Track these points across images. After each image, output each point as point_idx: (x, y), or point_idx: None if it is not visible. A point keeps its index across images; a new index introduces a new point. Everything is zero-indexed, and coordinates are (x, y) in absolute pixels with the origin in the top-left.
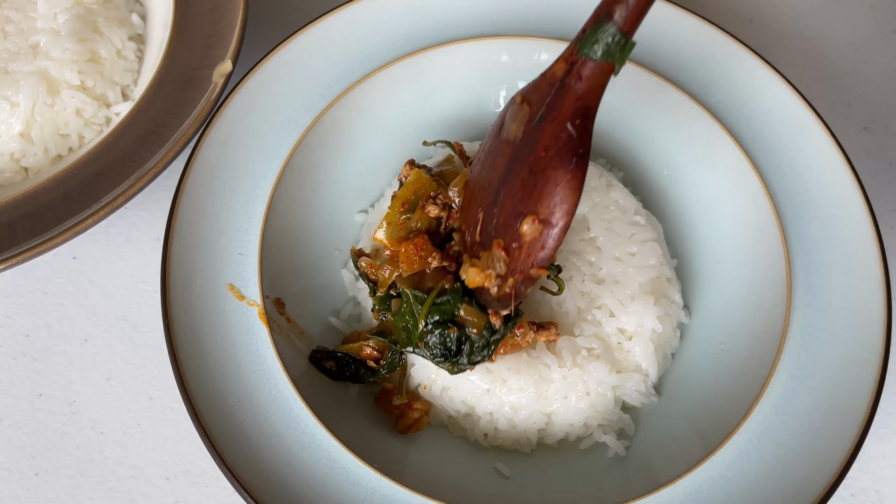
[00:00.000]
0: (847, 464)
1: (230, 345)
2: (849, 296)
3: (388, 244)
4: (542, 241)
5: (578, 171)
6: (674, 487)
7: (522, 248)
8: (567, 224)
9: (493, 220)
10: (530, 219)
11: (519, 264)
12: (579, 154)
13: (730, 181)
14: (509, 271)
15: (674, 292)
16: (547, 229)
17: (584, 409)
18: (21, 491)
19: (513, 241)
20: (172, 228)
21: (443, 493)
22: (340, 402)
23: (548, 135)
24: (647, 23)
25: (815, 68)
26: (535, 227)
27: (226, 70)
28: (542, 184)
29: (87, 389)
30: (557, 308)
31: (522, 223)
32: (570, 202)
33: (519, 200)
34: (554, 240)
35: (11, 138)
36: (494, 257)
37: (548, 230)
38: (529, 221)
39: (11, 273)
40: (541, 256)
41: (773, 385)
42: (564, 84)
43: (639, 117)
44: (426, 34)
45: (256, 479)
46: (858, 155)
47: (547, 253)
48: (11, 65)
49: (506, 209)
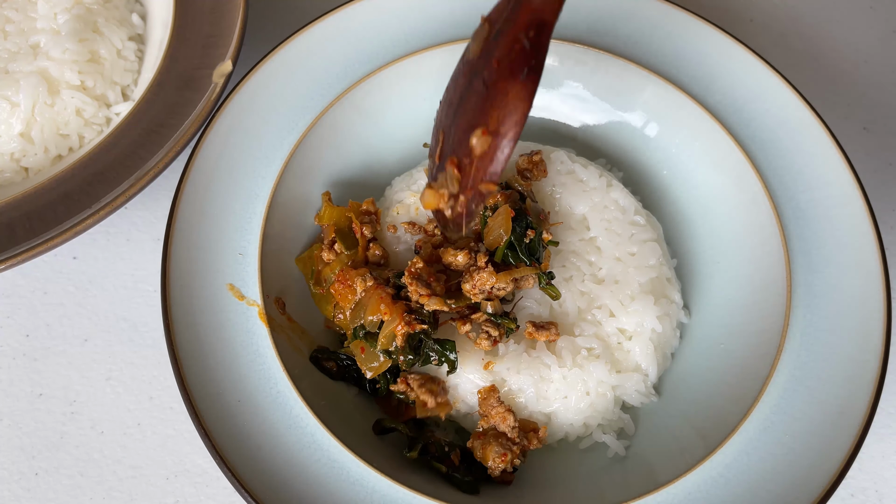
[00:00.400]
0: (847, 464)
1: (230, 345)
2: (849, 296)
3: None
4: (492, 153)
5: (529, 83)
6: (674, 487)
7: (473, 164)
8: (516, 134)
9: (449, 139)
10: (479, 131)
11: (470, 180)
12: (531, 65)
13: (730, 181)
14: (461, 189)
15: (674, 292)
16: (496, 140)
17: (584, 409)
18: (21, 491)
19: (465, 157)
20: (172, 228)
21: (443, 493)
22: (340, 402)
23: (502, 47)
24: (647, 23)
25: (815, 68)
26: (484, 139)
27: (226, 70)
28: (493, 95)
29: (87, 389)
30: (557, 308)
31: (472, 136)
32: (520, 113)
33: (472, 115)
34: (503, 151)
35: (11, 138)
36: (448, 175)
37: (497, 141)
38: (478, 134)
39: (11, 273)
40: (490, 170)
41: (773, 385)
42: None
43: (639, 117)
44: (426, 34)
45: (256, 479)
46: (858, 155)
47: (497, 166)
48: (12, 65)
49: (460, 126)
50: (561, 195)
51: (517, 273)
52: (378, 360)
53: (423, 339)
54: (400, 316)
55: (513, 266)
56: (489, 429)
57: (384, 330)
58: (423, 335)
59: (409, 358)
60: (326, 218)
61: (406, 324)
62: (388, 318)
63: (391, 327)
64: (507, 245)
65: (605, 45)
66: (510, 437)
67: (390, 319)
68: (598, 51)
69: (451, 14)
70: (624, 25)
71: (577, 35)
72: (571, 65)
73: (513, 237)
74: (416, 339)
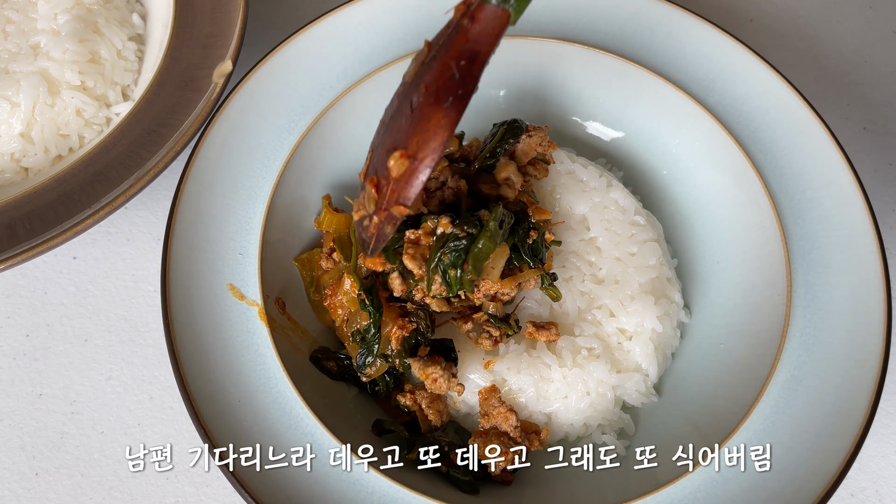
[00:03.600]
0: (847, 464)
1: (230, 345)
2: (849, 296)
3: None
4: (408, 177)
5: (453, 111)
6: (674, 487)
7: (390, 184)
8: (433, 162)
9: (375, 158)
10: (398, 153)
11: (385, 202)
12: (457, 94)
13: (730, 181)
14: (376, 209)
15: (674, 292)
16: (413, 164)
17: (585, 409)
18: (21, 491)
19: (383, 178)
20: (172, 228)
21: (443, 493)
22: (340, 402)
23: (433, 72)
24: (647, 23)
25: (815, 68)
26: (401, 162)
27: (226, 70)
28: (417, 120)
29: (88, 389)
30: (558, 308)
31: (391, 158)
32: (439, 140)
33: (396, 137)
34: (418, 177)
35: (12, 138)
36: (366, 195)
37: (413, 165)
38: (396, 156)
39: (11, 273)
40: (405, 194)
41: (773, 385)
42: (459, 25)
43: (639, 117)
44: (426, 34)
45: (256, 479)
46: (858, 155)
47: (412, 190)
48: (12, 65)
49: (385, 146)
50: (561, 195)
51: (521, 278)
52: (375, 366)
53: (420, 340)
54: (394, 320)
55: (516, 267)
56: (491, 428)
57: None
58: (419, 336)
59: (405, 361)
60: (326, 224)
61: (400, 327)
62: (384, 322)
63: (386, 331)
64: (511, 247)
65: (605, 45)
66: (512, 436)
67: (385, 323)
68: (598, 51)
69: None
70: (624, 25)
71: (576, 35)
72: (571, 65)
73: (516, 238)
74: (411, 341)
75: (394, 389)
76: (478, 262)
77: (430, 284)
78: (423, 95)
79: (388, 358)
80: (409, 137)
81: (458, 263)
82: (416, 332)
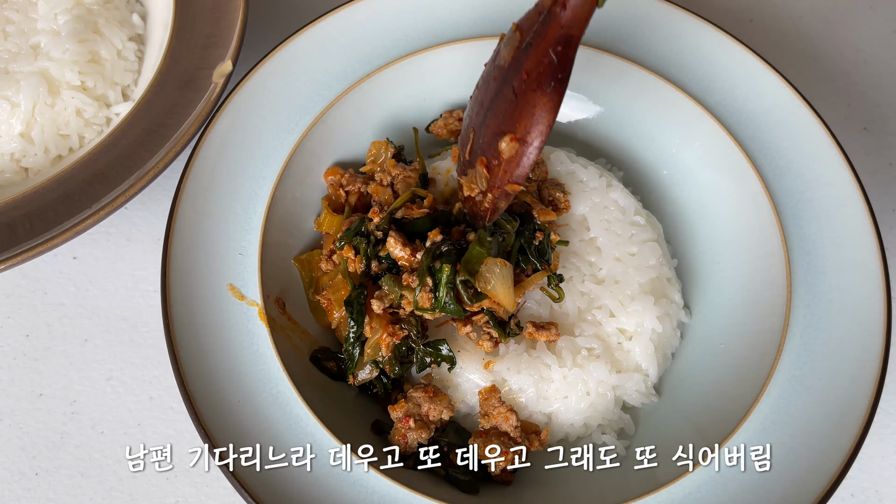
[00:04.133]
0: (847, 464)
1: (230, 345)
2: (849, 296)
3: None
4: (518, 159)
5: (555, 95)
6: (674, 487)
7: (501, 166)
8: (541, 143)
9: (480, 139)
10: (508, 137)
11: (497, 181)
12: (558, 79)
13: (730, 181)
14: (489, 187)
15: (674, 292)
16: (523, 147)
17: (585, 409)
18: (21, 491)
19: (494, 158)
20: (172, 228)
21: (443, 493)
22: (340, 402)
23: (532, 59)
24: (647, 22)
25: (815, 68)
26: (511, 146)
27: (226, 70)
28: (522, 105)
29: (88, 389)
30: (557, 308)
31: (501, 141)
32: (545, 123)
33: (501, 121)
34: (528, 158)
35: (12, 138)
36: (477, 174)
37: (524, 148)
38: (507, 140)
39: (11, 273)
40: (517, 173)
41: (773, 385)
42: (551, 12)
43: (639, 117)
44: (426, 34)
45: (256, 479)
46: (858, 155)
47: (522, 170)
48: (12, 65)
49: (490, 129)
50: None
51: (529, 285)
52: (366, 372)
53: (412, 346)
54: (384, 327)
55: (522, 268)
56: (491, 428)
57: (370, 341)
58: (411, 342)
59: (395, 368)
60: (326, 225)
61: (390, 335)
62: (373, 328)
63: (376, 338)
64: (518, 249)
65: (604, 45)
66: (512, 436)
67: (375, 329)
68: (598, 51)
69: (450, 14)
70: (624, 25)
71: None
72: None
73: (522, 240)
74: (402, 347)
75: (393, 390)
76: (470, 265)
77: (421, 281)
78: (524, 82)
79: (379, 364)
80: (515, 121)
81: (451, 262)
82: (406, 339)
